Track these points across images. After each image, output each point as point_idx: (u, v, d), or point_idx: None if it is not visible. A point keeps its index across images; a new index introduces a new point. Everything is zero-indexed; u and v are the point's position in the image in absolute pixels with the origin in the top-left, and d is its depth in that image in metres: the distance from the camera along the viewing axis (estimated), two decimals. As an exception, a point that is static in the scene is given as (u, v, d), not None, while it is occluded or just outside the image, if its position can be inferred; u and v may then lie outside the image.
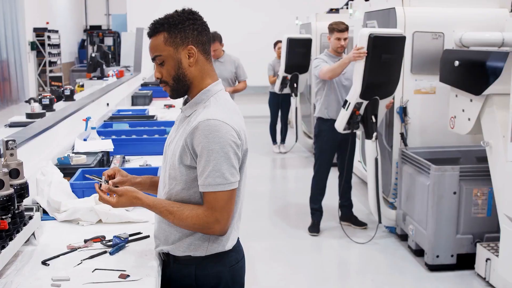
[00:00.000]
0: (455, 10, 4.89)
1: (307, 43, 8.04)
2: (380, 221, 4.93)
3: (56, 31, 15.37)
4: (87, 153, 3.26)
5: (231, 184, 1.85)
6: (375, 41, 4.40)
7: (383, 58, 4.48)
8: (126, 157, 3.54)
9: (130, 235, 2.21)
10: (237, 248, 2.05)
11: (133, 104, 6.37)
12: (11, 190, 1.91)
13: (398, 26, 4.81)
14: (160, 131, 4.14)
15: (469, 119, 4.21)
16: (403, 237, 4.92)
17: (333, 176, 5.52)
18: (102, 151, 3.32)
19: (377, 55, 4.43)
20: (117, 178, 2.10)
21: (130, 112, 5.37)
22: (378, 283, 4.31)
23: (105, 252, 2.09)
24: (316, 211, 5.33)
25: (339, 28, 5.05)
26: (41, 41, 14.45)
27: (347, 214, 5.42)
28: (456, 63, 4.25)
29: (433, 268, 4.33)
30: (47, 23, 15.17)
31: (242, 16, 12.08)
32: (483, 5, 4.95)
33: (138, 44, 8.54)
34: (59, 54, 15.53)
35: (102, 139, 3.69)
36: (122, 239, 2.15)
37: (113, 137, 3.94)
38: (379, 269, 4.56)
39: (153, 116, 4.92)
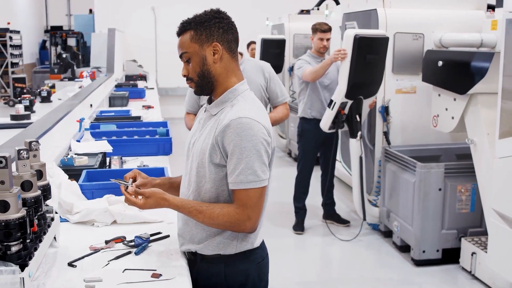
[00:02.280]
0: (434, 12, 5.02)
1: (281, 43, 8.11)
2: (364, 219, 5.01)
3: (18, 32, 14.99)
4: (85, 155, 3.22)
5: (262, 182, 1.88)
6: (360, 42, 4.49)
7: (368, 59, 4.57)
8: (122, 158, 3.52)
9: (151, 235, 2.21)
10: (263, 245, 2.08)
11: (110, 105, 6.30)
12: (39, 192, 1.89)
13: (379, 27, 4.91)
14: (151, 132, 4.11)
15: (452, 118, 4.33)
16: (387, 233, 5.02)
17: (314, 175, 5.58)
18: (100, 152, 3.29)
19: (362, 55, 4.52)
20: (139, 180, 2.10)
21: (113, 113, 5.31)
22: (366, 279, 4.40)
23: (129, 252, 2.08)
24: (300, 210, 5.38)
25: (322, 29, 5.11)
26: (2, 42, 14.08)
27: (329, 212, 5.50)
28: (440, 63, 4.37)
29: (419, 263, 4.44)
30: (8, 23, 14.78)
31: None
32: (460, 7, 5.10)
33: (110, 45, 8.38)
34: (21, 55, 15.15)
35: (95, 140, 3.65)
36: (144, 239, 2.14)
37: (104, 138, 3.88)
38: (366, 265, 4.65)
39: (139, 117, 4.89)
